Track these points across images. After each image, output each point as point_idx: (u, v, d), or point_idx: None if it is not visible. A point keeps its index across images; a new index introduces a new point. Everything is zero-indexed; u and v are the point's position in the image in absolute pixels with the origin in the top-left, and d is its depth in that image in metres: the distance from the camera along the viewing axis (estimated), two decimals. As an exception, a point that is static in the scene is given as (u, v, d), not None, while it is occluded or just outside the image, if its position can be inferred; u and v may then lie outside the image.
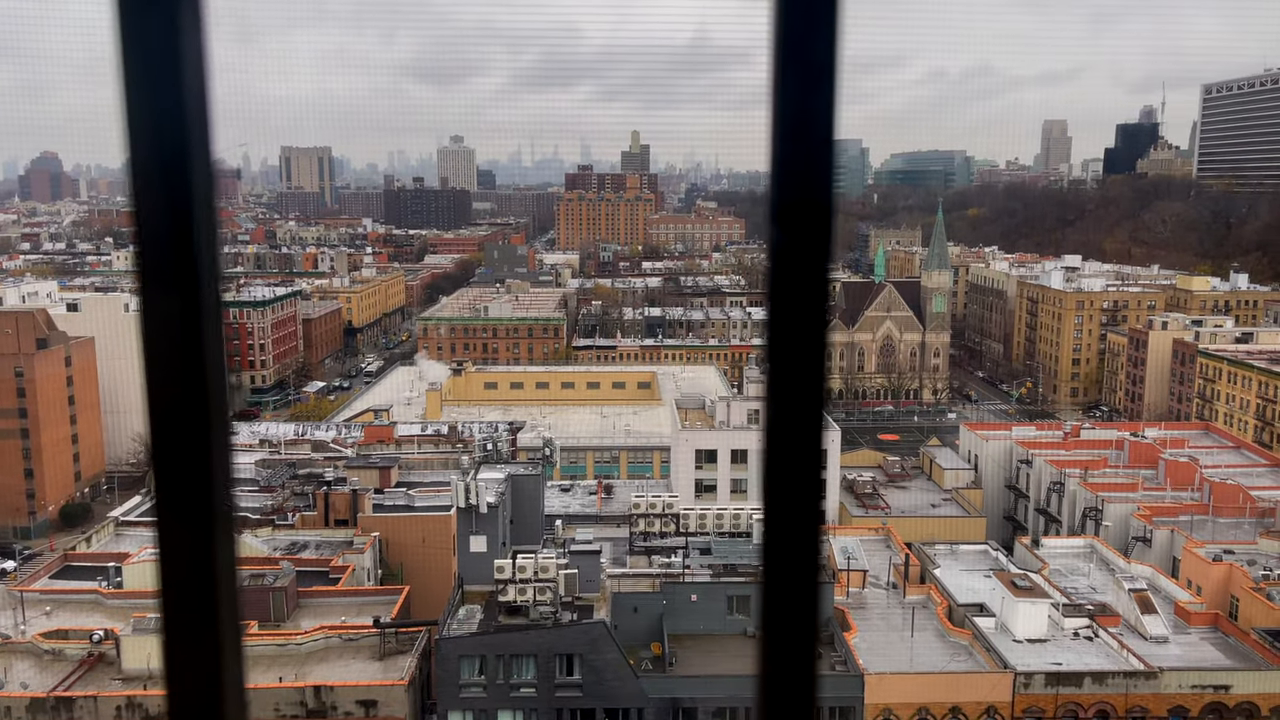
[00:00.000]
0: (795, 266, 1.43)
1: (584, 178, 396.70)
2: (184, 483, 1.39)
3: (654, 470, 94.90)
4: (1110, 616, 55.29)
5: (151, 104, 1.35)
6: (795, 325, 1.44)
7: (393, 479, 69.16)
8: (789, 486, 1.46)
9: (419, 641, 50.19)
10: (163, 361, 1.37)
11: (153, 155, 1.36)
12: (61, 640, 49.74)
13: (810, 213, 1.42)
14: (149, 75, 1.34)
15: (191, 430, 1.39)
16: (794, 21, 1.36)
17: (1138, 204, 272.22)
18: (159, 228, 1.36)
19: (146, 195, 1.36)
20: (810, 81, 1.38)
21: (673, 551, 57.17)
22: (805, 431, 1.45)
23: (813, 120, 1.39)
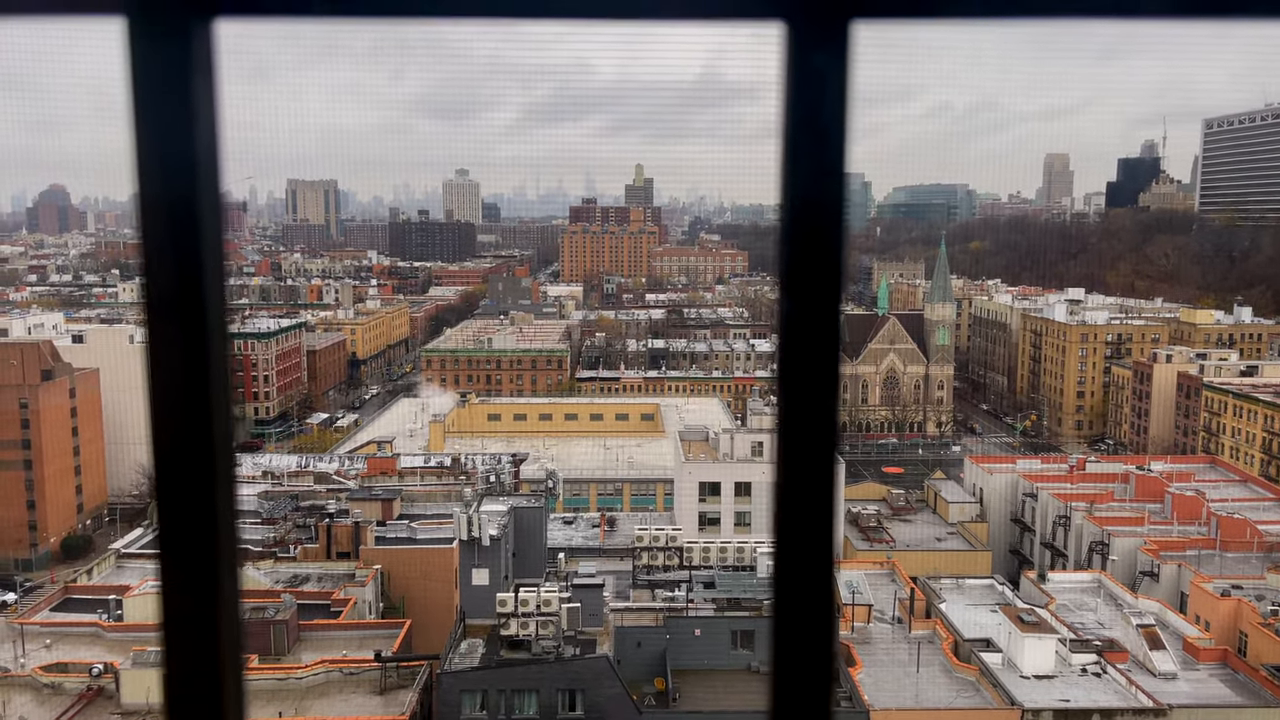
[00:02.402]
0: (806, 300, 1.41)
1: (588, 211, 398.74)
2: (188, 517, 1.38)
3: (657, 503, 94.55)
4: (1118, 652, 54.74)
5: (161, 140, 1.36)
6: (807, 358, 1.42)
7: (395, 511, 68.94)
8: (801, 521, 1.44)
9: (420, 676, 49.77)
10: (169, 395, 1.37)
11: (162, 190, 1.36)
12: (61, 674, 49.38)
13: (820, 245, 1.42)
14: (159, 111, 1.35)
15: (196, 463, 1.38)
16: (805, 54, 1.36)
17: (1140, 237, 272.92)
18: (166, 263, 1.36)
19: (154, 229, 1.36)
20: (821, 115, 1.38)
21: (676, 585, 56.81)
22: (818, 466, 1.44)
23: (823, 153, 1.39)
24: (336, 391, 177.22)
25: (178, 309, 1.36)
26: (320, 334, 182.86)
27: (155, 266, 1.36)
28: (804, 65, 1.36)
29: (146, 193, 1.35)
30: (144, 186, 1.35)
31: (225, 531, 1.41)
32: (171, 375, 1.37)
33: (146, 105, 1.35)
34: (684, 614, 52.98)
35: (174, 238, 1.36)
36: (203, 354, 1.37)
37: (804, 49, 1.36)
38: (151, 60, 1.34)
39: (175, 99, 1.35)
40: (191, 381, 1.37)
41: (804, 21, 1.35)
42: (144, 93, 1.34)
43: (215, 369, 1.39)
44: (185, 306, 1.37)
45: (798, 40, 1.35)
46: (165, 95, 1.35)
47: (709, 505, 78.51)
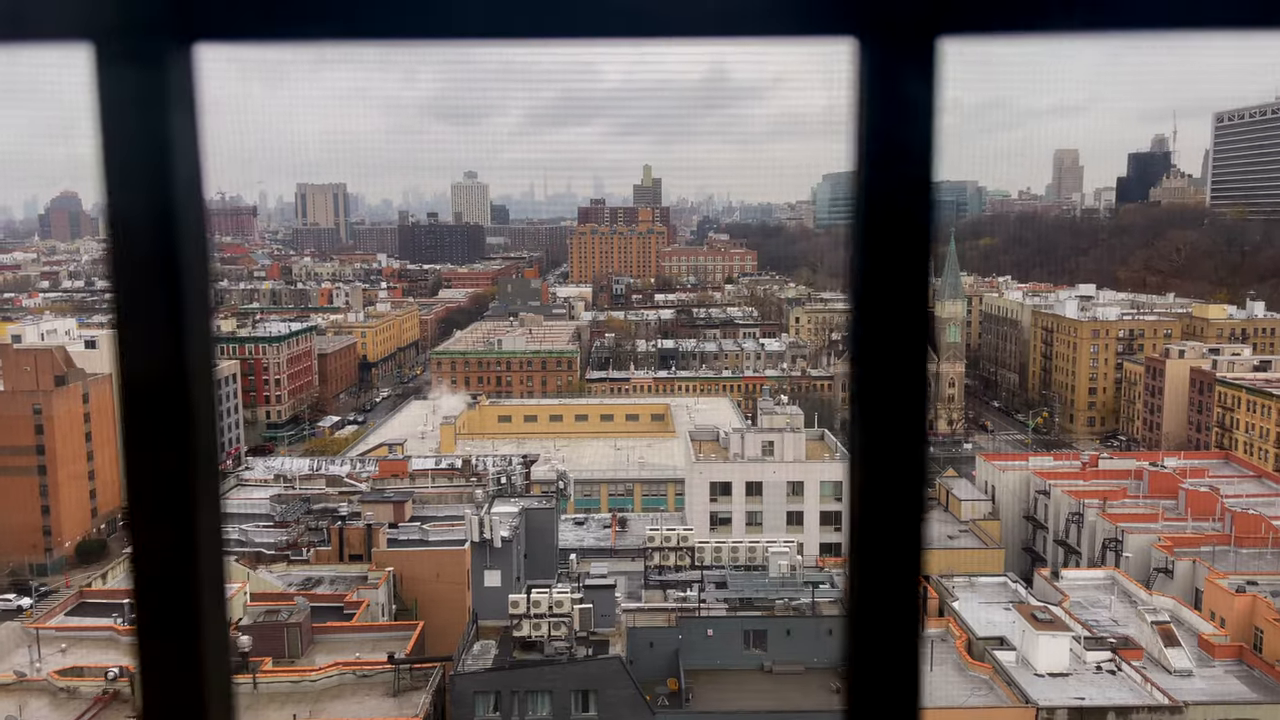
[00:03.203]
0: (884, 335, 1.32)
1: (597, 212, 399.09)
2: (164, 553, 1.28)
3: (668, 503, 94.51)
4: (1133, 649, 54.49)
5: (132, 170, 1.29)
6: (891, 362, 1.33)
7: (407, 513, 69.09)
8: (884, 549, 1.33)
9: (433, 678, 49.87)
10: (144, 416, 1.29)
11: (136, 225, 1.30)
12: (76, 678, 49.65)
13: (903, 270, 1.33)
14: (129, 141, 1.28)
15: (172, 498, 1.29)
16: (885, 73, 1.29)
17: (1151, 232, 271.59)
18: (140, 296, 1.30)
19: (128, 263, 1.29)
20: (904, 136, 1.31)
21: (688, 585, 56.79)
22: (906, 483, 1.33)
23: (907, 175, 1.32)
24: (348, 395, 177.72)
25: (155, 328, 1.29)
26: (331, 337, 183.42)
27: (128, 302, 1.30)
28: (884, 84, 1.29)
29: (119, 230, 1.28)
30: (115, 224, 1.28)
31: (208, 567, 1.31)
32: (148, 397, 1.30)
33: (115, 136, 1.28)
34: (696, 614, 52.96)
35: (148, 268, 1.29)
36: (182, 374, 1.29)
37: (883, 67, 1.29)
38: (119, 89, 1.27)
39: (147, 128, 1.28)
40: (170, 402, 1.30)
41: (882, 39, 1.28)
42: (112, 123, 1.27)
43: (198, 390, 1.31)
44: (163, 325, 1.29)
45: (875, 58, 1.28)
46: (136, 125, 1.28)
47: (720, 505, 78.45)
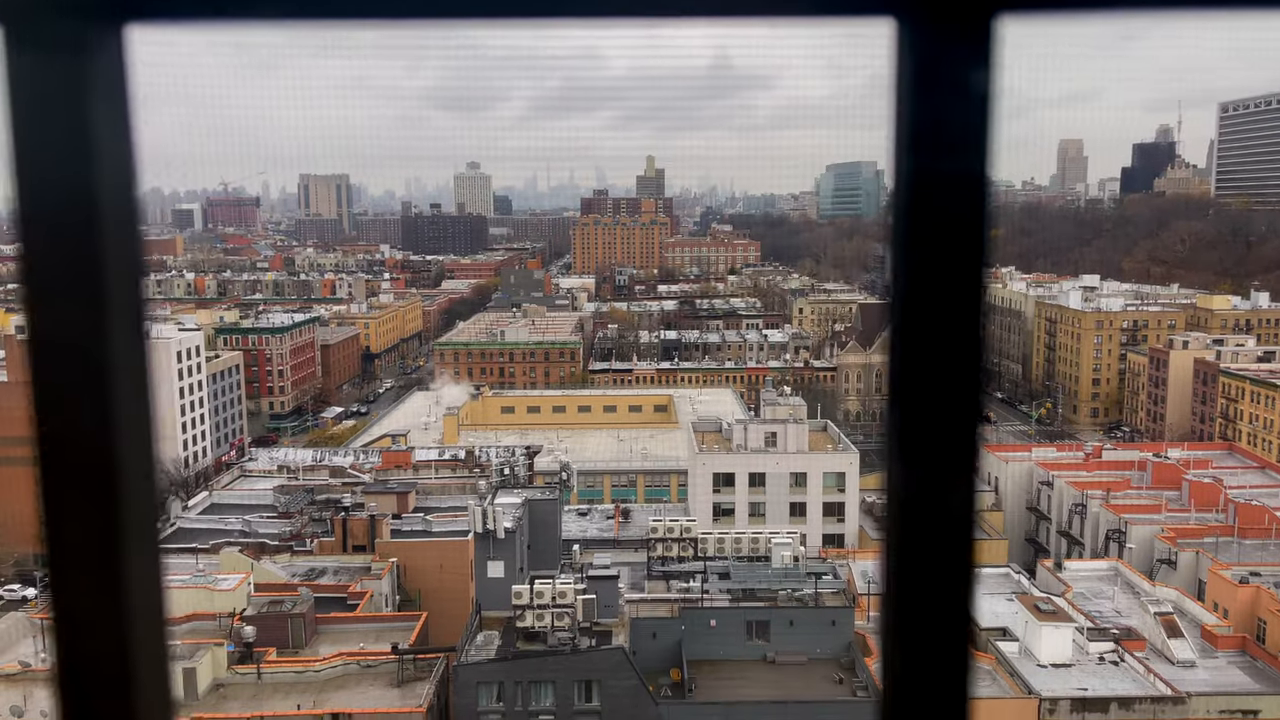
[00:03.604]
0: (929, 331, 1.25)
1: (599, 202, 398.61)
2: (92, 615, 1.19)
3: (671, 494, 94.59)
4: (1136, 640, 54.51)
5: (47, 159, 1.17)
6: (939, 369, 1.26)
7: (410, 504, 69.18)
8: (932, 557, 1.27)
9: (437, 668, 50.00)
10: (63, 457, 1.19)
11: (47, 209, 1.18)
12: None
13: (955, 265, 1.24)
14: (43, 129, 1.17)
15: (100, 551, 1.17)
16: (933, 54, 1.20)
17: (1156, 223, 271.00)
18: (56, 296, 1.20)
19: (41, 253, 1.19)
20: (954, 121, 1.21)
21: (691, 576, 56.85)
22: (954, 493, 1.25)
23: (958, 164, 1.22)
24: (351, 386, 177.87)
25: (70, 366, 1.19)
26: (334, 328, 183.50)
27: (41, 299, 1.20)
28: (933, 68, 1.19)
29: (32, 235, 1.18)
30: (28, 229, 1.18)
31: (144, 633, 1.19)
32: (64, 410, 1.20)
33: (28, 130, 1.16)
34: (699, 605, 53.01)
35: (66, 274, 1.19)
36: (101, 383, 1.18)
37: (931, 49, 1.19)
38: (34, 78, 1.16)
39: (66, 121, 1.17)
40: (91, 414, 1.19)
41: (930, 18, 1.18)
42: (25, 116, 1.16)
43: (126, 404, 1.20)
44: (82, 361, 1.20)
45: (920, 39, 1.19)
46: (53, 118, 1.16)
47: (723, 496, 78.47)
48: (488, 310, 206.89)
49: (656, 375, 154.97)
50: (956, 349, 1.27)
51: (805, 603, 53.10)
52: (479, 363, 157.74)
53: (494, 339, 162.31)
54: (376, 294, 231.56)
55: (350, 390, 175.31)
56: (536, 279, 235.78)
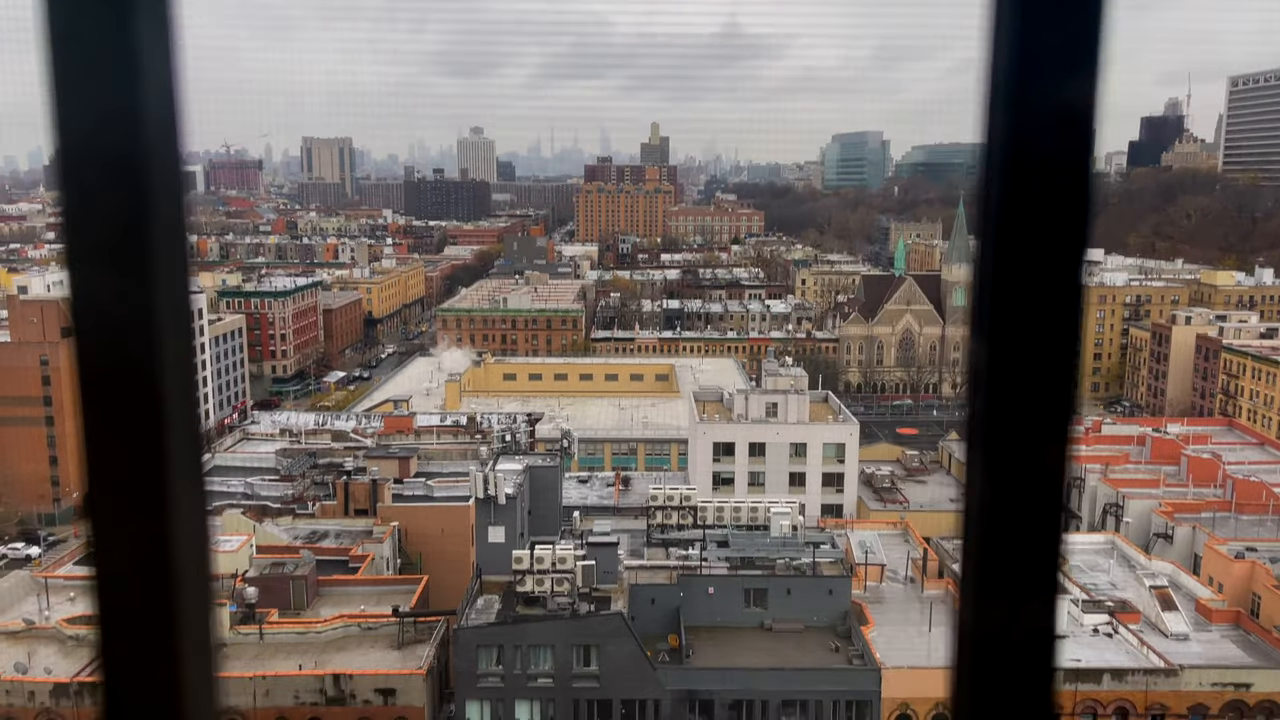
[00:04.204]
0: (1032, 273, 1.13)
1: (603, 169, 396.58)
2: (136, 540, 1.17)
3: (671, 463, 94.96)
4: (1130, 613, 54.92)
5: (88, 97, 1.11)
6: (1033, 342, 1.15)
7: (412, 469, 69.52)
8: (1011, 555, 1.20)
9: (437, 631, 50.49)
10: (106, 397, 1.16)
11: (90, 153, 1.13)
12: (85, 626, 50.33)
13: (1051, 212, 1.13)
14: (83, 65, 1.10)
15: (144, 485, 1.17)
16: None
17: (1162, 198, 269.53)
18: (99, 231, 1.16)
19: (84, 198, 1.15)
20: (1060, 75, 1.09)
21: (690, 544, 57.22)
22: (1042, 485, 1.19)
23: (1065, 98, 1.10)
24: (353, 350, 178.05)
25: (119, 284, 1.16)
26: (336, 293, 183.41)
27: (83, 252, 1.17)
28: (1033, 22, 1.09)
29: (68, 157, 1.14)
30: (66, 151, 1.14)
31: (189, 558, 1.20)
32: (107, 358, 1.16)
33: (69, 67, 1.10)
34: (698, 572, 53.40)
35: (111, 218, 1.15)
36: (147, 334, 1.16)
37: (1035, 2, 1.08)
38: (76, 12, 1.10)
39: (106, 50, 1.10)
40: (135, 363, 1.16)
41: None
42: (65, 51, 1.10)
43: (170, 350, 1.17)
44: (128, 281, 1.16)
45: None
46: (96, 54, 1.10)
47: (723, 465, 78.77)
48: (490, 277, 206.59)
49: (658, 344, 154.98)
50: (1051, 335, 1.16)
51: (803, 571, 53.48)
52: (481, 329, 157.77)
53: (496, 306, 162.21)
54: (379, 259, 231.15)
55: (352, 355, 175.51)
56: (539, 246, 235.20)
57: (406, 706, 46.57)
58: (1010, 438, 1.18)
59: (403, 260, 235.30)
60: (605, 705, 47.49)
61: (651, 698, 47.24)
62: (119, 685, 1.22)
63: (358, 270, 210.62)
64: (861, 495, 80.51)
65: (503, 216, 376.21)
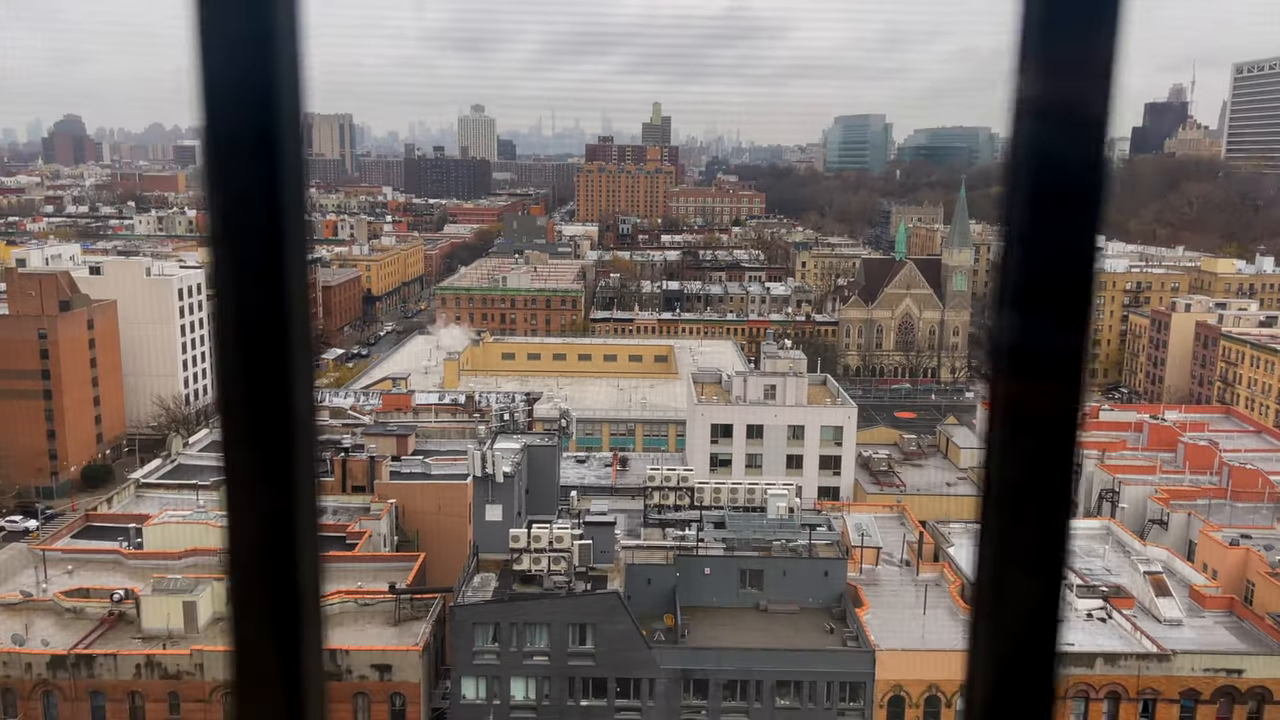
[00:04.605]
0: (1045, 266, 1.18)
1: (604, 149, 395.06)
2: (259, 462, 1.26)
3: (669, 444, 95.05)
4: (1124, 598, 55.15)
5: (232, 63, 1.19)
6: (1044, 334, 1.19)
7: (410, 447, 69.54)
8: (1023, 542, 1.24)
9: (434, 608, 50.66)
10: (240, 329, 1.26)
11: (232, 115, 1.21)
12: (82, 599, 50.49)
13: (1069, 204, 1.17)
14: (231, 38, 1.19)
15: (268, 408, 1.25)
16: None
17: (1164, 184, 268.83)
18: (238, 190, 1.23)
19: (224, 156, 1.23)
20: (1082, 51, 1.14)
21: (687, 525, 57.35)
22: (1051, 475, 1.22)
23: (1077, 98, 1.14)
24: (351, 328, 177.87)
25: (255, 245, 1.25)
26: (335, 270, 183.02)
27: (230, 192, 1.25)
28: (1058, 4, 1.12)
29: (216, 121, 1.21)
30: (212, 114, 1.21)
31: (304, 460, 1.28)
32: (247, 306, 1.26)
33: (216, 31, 1.19)
34: (694, 553, 53.55)
35: (250, 165, 1.24)
36: (280, 290, 1.25)
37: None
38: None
39: (251, 22, 1.19)
40: (270, 312, 1.26)
41: None
42: (213, 19, 1.18)
43: (295, 305, 1.26)
44: (263, 243, 1.25)
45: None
46: (239, 20, 1.19)
47: (721, 447, 78.86)
48: (490, 256, 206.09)
49: (658, 325, 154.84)
50: (1066, 310, 1.20)
51: (799, 553, 53.64)
52: (480, 308, 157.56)
53: (496, 285, 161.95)
54: (378, 236, 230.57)
55: (351, 332, 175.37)
56: (539, 225, 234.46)
57: (402, 682, 46.80)
58: (1028, 417, 1.21)
59: (402, 238, 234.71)
60: (600, 683, 47.74)
61: (646, 677, 47.48)
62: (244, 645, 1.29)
63: (357, 247, 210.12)
64: (859, 478, 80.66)
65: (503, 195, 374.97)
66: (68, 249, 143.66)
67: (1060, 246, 1.19)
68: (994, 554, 1.27)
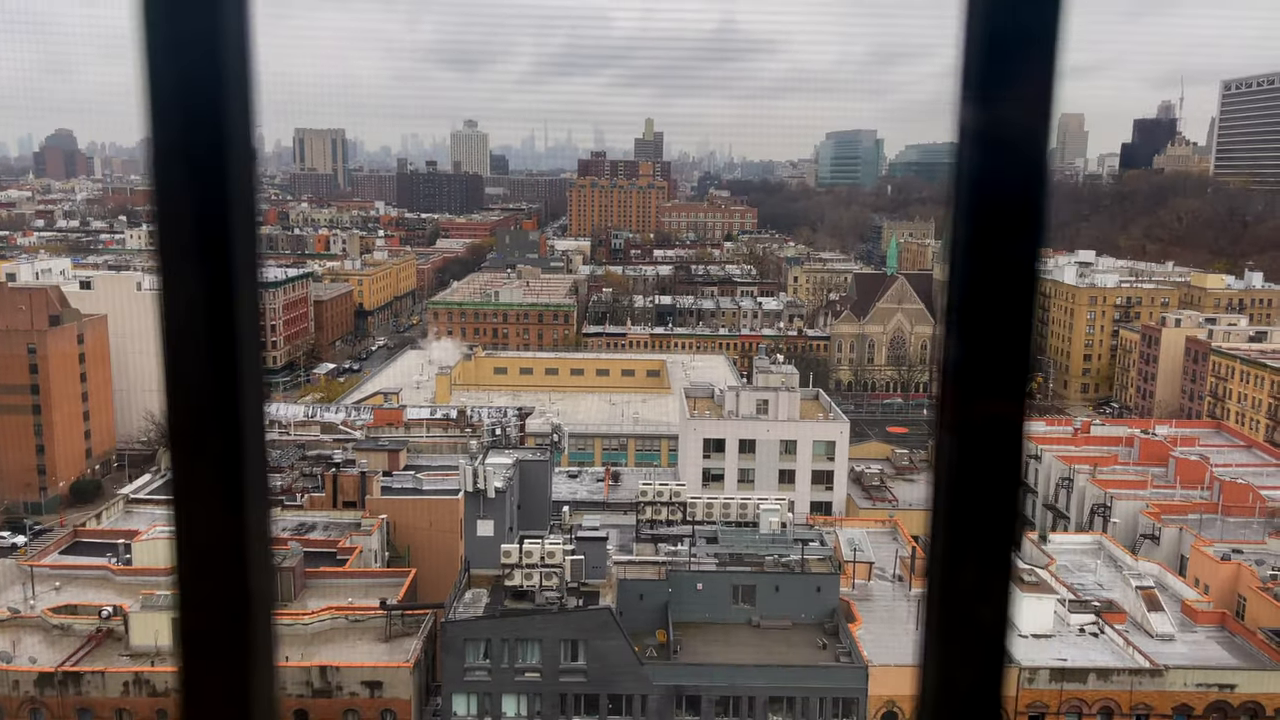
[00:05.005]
0: (992, 278, 1.23)
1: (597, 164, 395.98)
2: (207, 478, 1.24)
3: (661, 458, 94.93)
4: (1117, 614, 55.14)
5: (179, 75, 1.17)
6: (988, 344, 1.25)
7: (401, 462, 69.33)
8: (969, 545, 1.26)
9: (425, 624, 50.41)
10: (185, 345, 1.22)
11: (179, 129, 1.19)
12: (70, 615, 50.10)
13: (1009, 206, 1.20)
14: (175, 44, 1.17)
15: (214, 425, 1.24)
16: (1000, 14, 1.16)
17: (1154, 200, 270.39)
18: (183, 206, 1.21)
19: (170, 171, 1.21)
20: (1022, 68, 1.17)
21: (679, 540, 57.20)
22: (998, 477, 1.24)
23: (1011, 120, 1.18)
24: (343, 342, 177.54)
25: (197, 256, 1.21)
26: (327, 284, 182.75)
27: (169, 211, 1.22)
28: (995, 18, 1.15)
29: (161, 133, 1.20)
30: (157, 125, 1.19)
31: (253, 480, 1.27)
32: (189, 326, 1.21)
33: (159, 35, 1.16)
34: (686, 568, 53.39)
35: (194, 180, 1.21)
36: (227, 303, 1.21)
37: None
38: (169, 8, 1.15)
39: (195, 28, 1.16)
40: (212, 331, 1.21)
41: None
42: (156, 22, 1.16)
43: (243, 318, 1.23)
44: (205, 254, 1.21)
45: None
46: (184, 24, 1.16)
47: (713, 462, 78.78)
48: (482, 270, 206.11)
49: (650, 340, 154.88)
50: (1008, 325, 1.24)
51: (791, 569, 53.53)
52: (472, 323, 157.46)
53: (488, 299, 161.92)
54: (371, 251, 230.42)
55: (343, 347, 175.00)
56: (532, 240, 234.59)
57: (393, 699, 46.51)
58: (969, 417, 1.25)
59: (394, 252, 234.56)
60: (593, 700, 47.50)
61: (639, 693, 47.27)
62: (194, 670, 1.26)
63: (349, 262, 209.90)
64: (851, 493, 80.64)
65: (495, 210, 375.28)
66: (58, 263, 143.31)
67: (1001, 264, 1.22)
68: (942, 572, 1.29)
